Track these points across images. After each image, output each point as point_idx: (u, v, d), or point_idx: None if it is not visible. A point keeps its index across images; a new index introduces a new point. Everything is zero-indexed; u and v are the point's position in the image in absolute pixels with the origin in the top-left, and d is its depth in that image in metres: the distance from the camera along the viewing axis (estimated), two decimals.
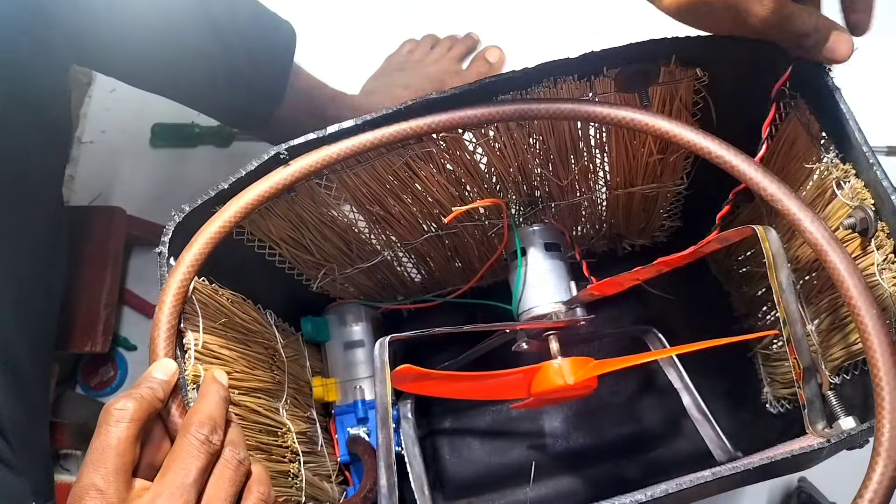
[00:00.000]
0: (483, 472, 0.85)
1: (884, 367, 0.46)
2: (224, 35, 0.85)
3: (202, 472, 0.48)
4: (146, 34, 0.80)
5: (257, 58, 0.89)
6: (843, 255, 0.49)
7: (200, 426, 0.49)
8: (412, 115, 0.59)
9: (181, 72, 0.85)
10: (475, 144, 0.66)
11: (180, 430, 0.50)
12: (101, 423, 0.48)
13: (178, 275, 0.56)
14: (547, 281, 0.70)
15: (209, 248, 0.56)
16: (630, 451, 0.82)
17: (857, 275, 0.48)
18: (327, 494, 0.75)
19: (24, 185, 0.69)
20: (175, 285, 0.55)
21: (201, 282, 0.62)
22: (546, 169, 0.71)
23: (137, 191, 1.11)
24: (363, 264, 0.78)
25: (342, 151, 0.58)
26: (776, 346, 0.79)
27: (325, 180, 0.65)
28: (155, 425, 0.51)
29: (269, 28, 0.92)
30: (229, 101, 0.91)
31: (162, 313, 0.55)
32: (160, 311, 0.55)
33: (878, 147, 1.08)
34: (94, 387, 1.03)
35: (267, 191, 0.58)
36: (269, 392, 0.69)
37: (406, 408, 0.84)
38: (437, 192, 0.70)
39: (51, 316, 0.81)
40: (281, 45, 0.93)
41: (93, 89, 1.17)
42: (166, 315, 0.55)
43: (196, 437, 0.49)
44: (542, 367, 0.66)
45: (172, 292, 0.55)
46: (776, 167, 0.68)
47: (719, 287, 0.86)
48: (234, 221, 0.57)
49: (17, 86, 0.66)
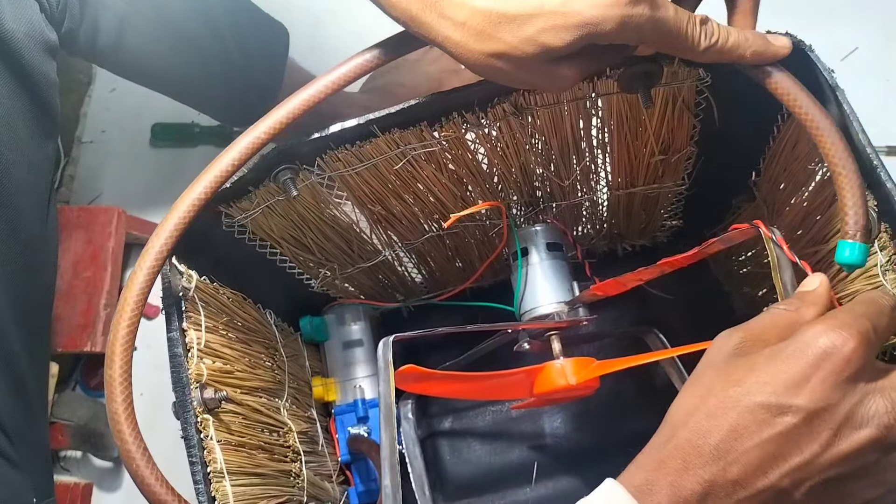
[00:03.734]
0: (483, 472, 0.85)
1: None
2: (218, 29, 0.85)
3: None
4: (141, 26, 0.80)
5: (251, 52, 0.90)
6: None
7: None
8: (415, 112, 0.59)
9: (176, 65, 0.85)
10: (477, 144, 0.66)
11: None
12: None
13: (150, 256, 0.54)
14: (549, 281, 0.70)
15: (181, 229, 0.55)
16: (630, 451, 0.81)
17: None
18: (328, 494, 0.75)
19: (12, 176, 0.67)
20: (147, 264, 0.54)
21: (203, 281, 0.62)
22: (548, 169, 0.71)
23: (137, 191, 1.11)
24: (364, 264, 0.78)
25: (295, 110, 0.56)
26: None
27: (326, 179, 0.65)
28: None
29: (262, 23, 0.92)
30: (224, 96, 0.91)
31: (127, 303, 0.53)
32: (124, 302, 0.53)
33: (878, 147, 1.08)
34: (94, 387, 1.03)
35: (235, 158, 0.57)
36: (271, 391, 0.69)
37: (407, 408, 0.84)
38: (438, 192, 0.70)
39: (46, 310, 0.81)
40: (274, 40, 0.93)
41: (93, 89, 1.17)
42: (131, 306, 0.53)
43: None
44: (544, 367, 0.66)
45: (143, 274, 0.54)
46: (778, 168, 0.68)
47: (720, 287, 0.86)
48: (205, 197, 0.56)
49: (5, 74, 0.66)
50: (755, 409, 0.42)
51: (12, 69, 0.66)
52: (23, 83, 0.67)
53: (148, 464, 0.51)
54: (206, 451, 0.57)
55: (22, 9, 0.66)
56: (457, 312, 0.87)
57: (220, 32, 0.86)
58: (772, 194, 0.71)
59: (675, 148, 0.71)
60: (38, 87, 0.69)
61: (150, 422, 1.00)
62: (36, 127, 0.70)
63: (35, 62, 0.67)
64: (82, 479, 0.97)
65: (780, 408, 0.42)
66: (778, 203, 0.70)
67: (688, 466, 0.43)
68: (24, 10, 0.66)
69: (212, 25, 0.85)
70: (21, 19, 0.66)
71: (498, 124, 0.63)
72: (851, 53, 1.04)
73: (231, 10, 0.88)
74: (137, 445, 0.51)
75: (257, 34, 0.91)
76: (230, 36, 0.87)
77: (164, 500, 0.51)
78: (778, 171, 0.68)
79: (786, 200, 0.68)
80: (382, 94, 1.05)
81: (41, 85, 0.69)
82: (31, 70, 0.67)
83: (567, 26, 0.47)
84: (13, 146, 0.67)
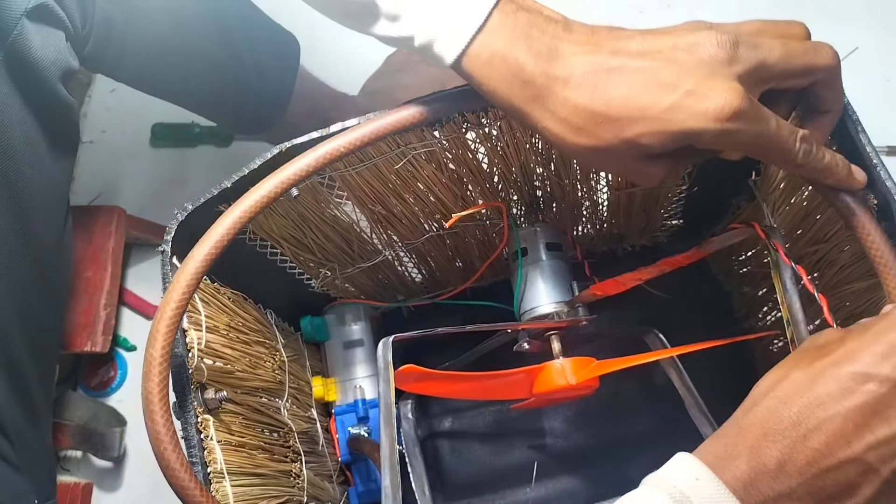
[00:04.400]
0: (483, 472, 0.85)
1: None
2: (236, 47, 0.87)
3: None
4: (161, 45, 0.82)
5: (265, 67, 0.91)
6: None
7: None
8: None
9: (191, 81, 0.87)
10: (477, 144, 0.66)
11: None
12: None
13: (189, 269, 0.54)
14: (549, 281, 0.70)
15: (222, 245, 0.55)
16: (631, 451, 0.82)
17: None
18: (329, 494, 0.75)
19: (31, 190, 0.70)
20: (185, 279, 0.53)
21: (203, 280, 0.62)
22: (548, 169, 0.71)
23: (137, 191, 1.11)
24: (364, 263, 0.78)
25: (356, 140, 0.57)
26: (777, 346, 0.79)
27: (327, 179, 0.65)
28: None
29: (277, 38, 0.94)
30: (235, 109, 0.93)
31: (168, 307, 0.53)
32: (165, 307, 0.53)
33: (878, 147, 1.08)
34: (94, 387, 1.03)
35: (281, 183, 0.56)
36: (271, 391, 0.69)
37: (406, 408, 0.84)
38: (439, 192, 0.70)
39: (55, 318, 0.82)
40: (286, 52, 0.95)
41: (93, 89, 1.17)
42: (172, 310, 0.53)
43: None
44: (544, 367, 0.66)
45: (182, 286, 0.53)
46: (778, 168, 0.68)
47: (720, 287, 0.87)
48: (249, 216, 0.56)
49: (28, 89, 0.67)
50: (840, 378, 0.41)
51: (37, 93, 0.68)
52: (46, 106, 0.70)
53: (175, 448, 0.51)
54: (207, 452, 0.57)
55: (50, 36, 0.68)
56: (457, 312, 0.87)
57: (236, 50, 0.87)
58: (772, 194, 0.71)
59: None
60: (59, 110, 0.72)
61: None
62: (55, 146, 0.73)
63: (58, 87, 0.70)
64: (82, 479, 0.97)
65: (866, 376, 0.41)
66: (778, 203, 0.70)
67: (767, 433, 0.42)
68: (52, 37, 0.68)
69: (230, 45, 0.87)
70: (49, 47, 0.68)
71: (498, 123, 0.62)
72: (851, 53, 1.04)
73: (246, 25, 0.90)
74: (167, 428, 0.51)
75: (271, 49, 0.93)
76: (245, 51, 0.88)
77: (188, 486, 0.51)
78: (777, 170, 0.68)
79: (786, 200, 0.68)
80: (384, 97, 1.05)
81: (63, 107, 0.72)
82: (55, 95, 0.70)
83: (667, 133, 0.47)
84: (33, 162, 0.70)
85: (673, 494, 0.41)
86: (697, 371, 0.77)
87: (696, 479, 0.41)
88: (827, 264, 0.63)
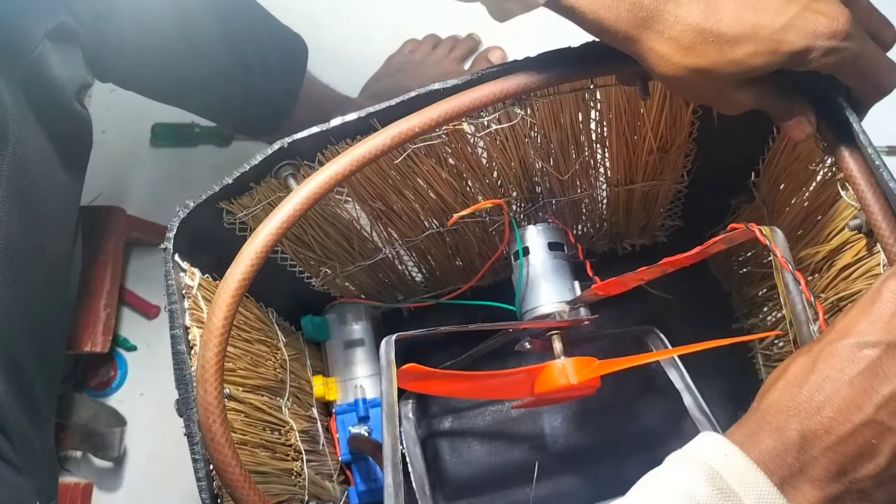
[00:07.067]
0: (483, 472, 0.85)
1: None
2: (244, 55, 0.88)
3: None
4: (170, 54, 0.83)
5: (272, 74, 0.92)
6: None
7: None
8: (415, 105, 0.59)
9: (199, 87, 0.88)
10: (476, 137, 0.66)
11: None
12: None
13: (259, 240, 0.54)
14: (550, 280, 0.70)
15: (296, 216, 0.55)
16: (631, 451, 0.82)
17: None
18: (329, 493, 0.75)
19: (45, 200, 0.71)
20: (256, 248, 0.54)
21: (205, 278, 0.62)
22: (547, 163, 0.71)
23: (137, 191, 1.11)
24: (365, 262, 0.78)
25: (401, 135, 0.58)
26: (777, 346, 0.79)
27: None
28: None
29: (285, 45, 0.94)
30: (240, 113, 0.94)
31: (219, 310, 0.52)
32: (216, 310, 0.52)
33: (878, 147, 1.08)
34: (94, 387, 1.03)
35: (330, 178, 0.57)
36: (272, 390, 0.70)
37: (407, 408, 0.84)
38: (438, 188, 0.70)
39: (61, 325, 0.83)
40: (294, 60, 0.95)
41: (93, 90, 1.16)
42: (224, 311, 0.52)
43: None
44: (545, 366, 0.66)
45: (251, 255, 0.53)
46: (778, 168, 0.68)
47: (720, 287, 0.87)
48: (335, 183, 0.56)
49: (45, 105, 0.69)
50: (839, 352, 0.43)
51: (54, 109, 0.70)
52: (61, 121, 0.71)
53: (223, 422, 0.51)
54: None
55: (69, 55, 0.70)
56: (457, 312, 0.87)
57: (244, 58, 0.88)
58: (772, 194, 0.71)
59: (673, 145, 0.71)
60: (74, 124, 0.73)
61: (152, 420, 1.01)
62: (69, 158, 0.74)
63: (74, 103, 0.72)
64: (82, 479, 0.97)
65: (861, 345, 0.43)
66: (778, 203, 0.70)
67: (784, 411, 0.43)
68: (71, 55, 0.70)
69: (239, 53, 0.88)
70: (67, 64, 0.70)
71: (497, 116, 0.63)
72: None
73: (255, 32, 0.90)
74: (218, 401, 0.51)
75: (278, 54, 0.93)
76: (254, 57, 0.89)
77: (228, 462, 0.51)
78: (778, 171, 0.68)
79: (786, 201, 0.68)
80: (386, 98, 1.05)
81: (77, 122, 0.74)
82: (71, 110, 0.72)
83: (777, 53, 0.49)
84: (48, 174, 0.71)
85: (703, 469, 0.42)
86: (698, 371, 0.78)
87: (724, 455, 0.42)
88: (828, 265, 0.63)
